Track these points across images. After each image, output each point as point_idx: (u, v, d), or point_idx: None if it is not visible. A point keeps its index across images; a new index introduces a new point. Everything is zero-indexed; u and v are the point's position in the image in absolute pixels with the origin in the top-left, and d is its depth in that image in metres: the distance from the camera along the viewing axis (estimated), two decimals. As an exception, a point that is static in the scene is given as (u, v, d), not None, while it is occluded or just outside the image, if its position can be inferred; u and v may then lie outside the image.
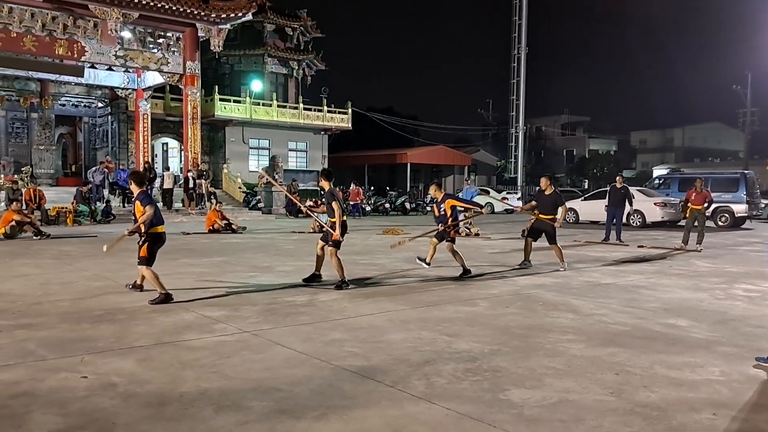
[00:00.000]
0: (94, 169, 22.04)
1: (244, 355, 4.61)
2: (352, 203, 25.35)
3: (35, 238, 13.58)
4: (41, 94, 26.01)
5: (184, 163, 25.04)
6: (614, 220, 14.38)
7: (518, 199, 32.33)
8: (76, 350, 4.65)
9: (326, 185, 7.75)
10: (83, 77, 23.73)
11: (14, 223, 13.64)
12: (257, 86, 32.08)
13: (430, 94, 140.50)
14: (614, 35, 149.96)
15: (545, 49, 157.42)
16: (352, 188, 26.24)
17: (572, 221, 20.76)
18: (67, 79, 24.86)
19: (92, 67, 22.87)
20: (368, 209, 27.29)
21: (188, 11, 21.92)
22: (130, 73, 24.65)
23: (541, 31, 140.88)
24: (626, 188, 14.81)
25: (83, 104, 28.83)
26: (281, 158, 31.51)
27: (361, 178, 36.46)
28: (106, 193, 21.20)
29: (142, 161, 24.43)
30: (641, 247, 13.18)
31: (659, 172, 42.70)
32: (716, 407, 3.60)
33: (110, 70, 23.46)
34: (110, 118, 28.93)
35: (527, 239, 9.74)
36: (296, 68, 34.02)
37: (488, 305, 6.60)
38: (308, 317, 5.90)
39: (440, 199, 8.85)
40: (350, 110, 34.80)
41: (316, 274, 7.97)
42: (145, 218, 6.45)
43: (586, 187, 47.80)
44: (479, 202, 16.83)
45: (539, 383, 4.00)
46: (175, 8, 21.55)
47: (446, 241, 8.79)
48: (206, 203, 21.71)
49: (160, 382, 3.96)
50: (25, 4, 19.60)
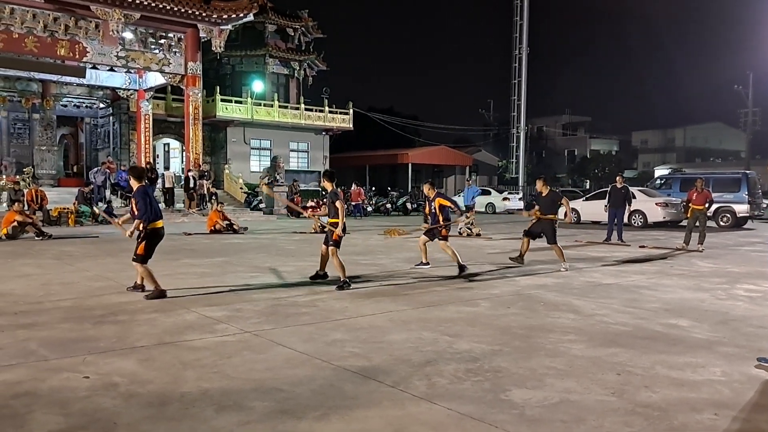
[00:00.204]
0: (95, 169, 22.05)
1: (245, 355, 4.61)
2: (353, 204, 25.35)
3: (37, 238, 13.60)
4: (43, 94, 26.03)
5: (185, 163, 25.07)
6: (615, 220, 14.39)
7: (519, 199, 32.35)
8: (77, 350, 4.66)
9: (329, 186, 7.88)
10: (85, 78, 23.78)
11: (16, 223, 13.67)
12: (258, 87, 32.07)
13: (431, 94, 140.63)
14: (615, 35, 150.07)
15: (546, 49, 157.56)
16: (353, 188, 26.25)
17: (574, 221, 20.79)
18: (68, 79, 24.91)
19: (94, 67, 22.93)
20: (369, 210, 27.30)
21: (190, 12, 21.94)
22: (131, 73, 24.70)
23: (541, 31, 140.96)
24: (627, 188, 14.80)
25: (85, 105, 28.85)
26: (282, 159, 31.52)
27: (362, 178, 36.48)
28: (107, 193, 21.21)
29: (143, 162, 24.44)
30: (643, 247, 13.18)
31: (661, 172, 42.64)
32: (717, 407, 3.60)
33: (112, 70, 23.50)
34: (112, 118, 28.94)
35: (525, 238, 9.86)
36: (297, 69, 34.02)
37: (489, 305, 6.60)
38: (309, 317, 5.90)
39: (432, 197, 9.20)
40: (351, 110, 34.80)
41: (320, 273, 8.09)
42: (135, 219, 6.66)
43: (587, 187, 47.79)
44: (480, 202, 16.82)
45: (540, 383, 4.00)
46: (176, 9, 21.59)
47: (438, 239, 9.03)
48: (207, 204, 21.74)
49: (161, 382, 3.96)
50: (26, 5, 19.63)
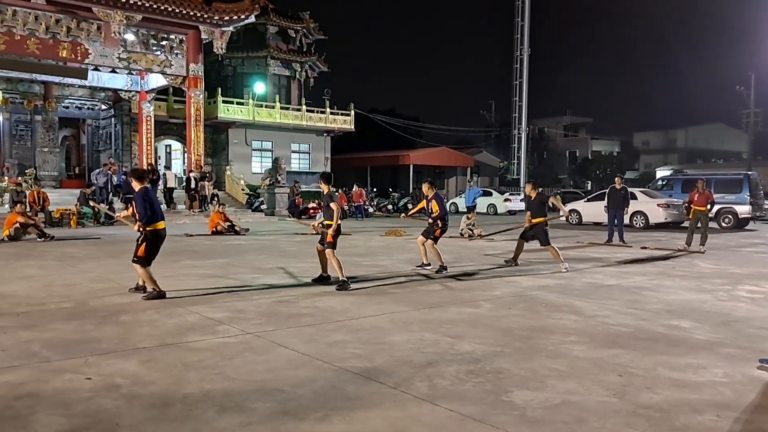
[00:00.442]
0: (97, 171, 22.08)
1: (247, 356, 4.62)
2: (354, 205, 25.34)
3: (39, 239, 13.62)
4: (45, 96, 26.10)
5: (187, 165, 25.10)
6: (615, 221, 14.38)
7: (521, 200, 32.33)
8: (80, 351, 4.67)
9: (325, 188, 7.92)
10: (86, 80, 23.85)
11: (18, 225, 13.69)
12: (260, 88, 32.11)
13: (432, 95, 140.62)
14: (616, 36, 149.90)
15: (547, 50, 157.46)
16: (354, 189, 26.25)
17: (575, 222, 20.79)
18: (70, 81, 24.99)
19: (96, 69, 22.99)
20: (371, 211, 27.30)
21: (191, 14, 21.99)
22: (133, 75, 24.75)
23: (543, 32, 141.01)
24: (626, 189, 14.79)
25: (87, 106, 28.92)
26: (284, 160, 31.46)
27: (363, 179, 36.48)
28: (109, 195, 21.25)
29: (145, 163, 24.48)
30: (644, 248, 13.17)
31: (662, 173, 42.58)
32: (719, 409, 3.59)
33: (113, 72, 23.52)
34: (113, 120, 28.99)
35: (520, 240, 10.19)
36: (299, 70, 34.05)
37: (491, 307, 6.60)
38: (311, 319, 5.90)
39: (430, 197, 9.37)
40: (353, 112, 34.82)
41: (323, 275, 8.07)
42: (131, 217, 6.73)
43: (589, 188, 47.75)
44: (481, 203, 16.84)
45: (542, 385, 4.00)
46: (178, 11, 21.63)
47: (429, 238, 9.24)
48: (209, 205, 21.76)
49: (163, 383, 3.97)
50: (28, 6, 19.67)
